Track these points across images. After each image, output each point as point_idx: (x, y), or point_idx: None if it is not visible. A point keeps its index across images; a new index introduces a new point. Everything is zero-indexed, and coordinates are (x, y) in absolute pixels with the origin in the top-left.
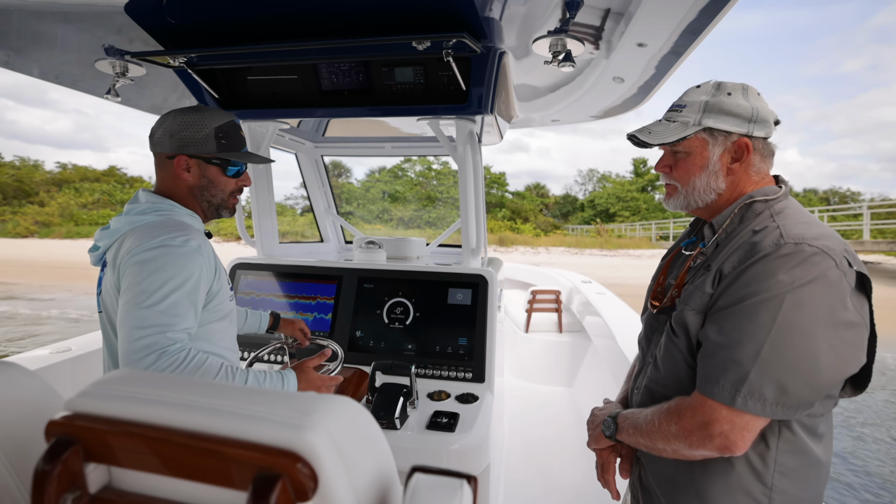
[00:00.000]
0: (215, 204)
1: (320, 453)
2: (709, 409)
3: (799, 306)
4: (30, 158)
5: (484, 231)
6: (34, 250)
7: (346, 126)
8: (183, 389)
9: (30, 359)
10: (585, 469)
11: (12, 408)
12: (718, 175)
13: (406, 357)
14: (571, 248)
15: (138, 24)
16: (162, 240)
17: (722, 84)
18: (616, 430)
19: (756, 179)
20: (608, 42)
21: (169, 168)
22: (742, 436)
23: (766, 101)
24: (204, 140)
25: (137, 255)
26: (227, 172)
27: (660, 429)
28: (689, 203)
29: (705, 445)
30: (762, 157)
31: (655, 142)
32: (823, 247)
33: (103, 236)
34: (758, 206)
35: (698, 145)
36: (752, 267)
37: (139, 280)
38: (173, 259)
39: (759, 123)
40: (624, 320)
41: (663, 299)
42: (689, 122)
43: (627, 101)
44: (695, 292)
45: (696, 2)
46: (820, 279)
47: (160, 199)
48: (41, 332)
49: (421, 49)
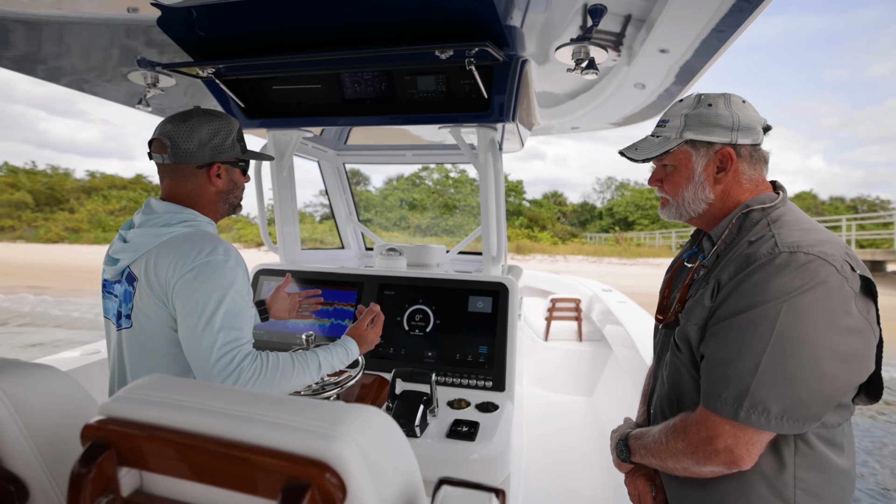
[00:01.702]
0: (234, 204)
1: (349, 463)
2: (712, 423)
3: (797, 315)
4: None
5: (504, 238)
6: (64, 255)
7: (368, 134)
8: (214, 396)
9: (61, 360)
10: (607, 481)
11: (49, 410)
12: (705, 185)
13: (426, 364)
14: (590, 257)
15: (169, 36)
16: (207, 255)
17: (703, 96)
18: (629, 452)
19: (749, 187)
20: (629, 48)
21: (200, 176)
22: (748, 450)
23: (781, 110)
24: (232, 145)
25: (189, 274)
26: (244, 173)
27: (668, 447)
28: (682, 214)
29: (712, 461)
30: (751, 164)
31: (640, 157)
32: (820, 253)
33: (124, 249)
34: (755, 215)
35: (683, 158)
36: (748, 278)
37: (197, 299)
38: (224, 273)
39: (742, 131)
40: (646, 330)
41: (668, 313)
42: (672, 136)
43: (648, 108)
44: (696, 306)
45: (720, 8)
46: (819, 286)
47: (179, 209)
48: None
49: (443, 58)
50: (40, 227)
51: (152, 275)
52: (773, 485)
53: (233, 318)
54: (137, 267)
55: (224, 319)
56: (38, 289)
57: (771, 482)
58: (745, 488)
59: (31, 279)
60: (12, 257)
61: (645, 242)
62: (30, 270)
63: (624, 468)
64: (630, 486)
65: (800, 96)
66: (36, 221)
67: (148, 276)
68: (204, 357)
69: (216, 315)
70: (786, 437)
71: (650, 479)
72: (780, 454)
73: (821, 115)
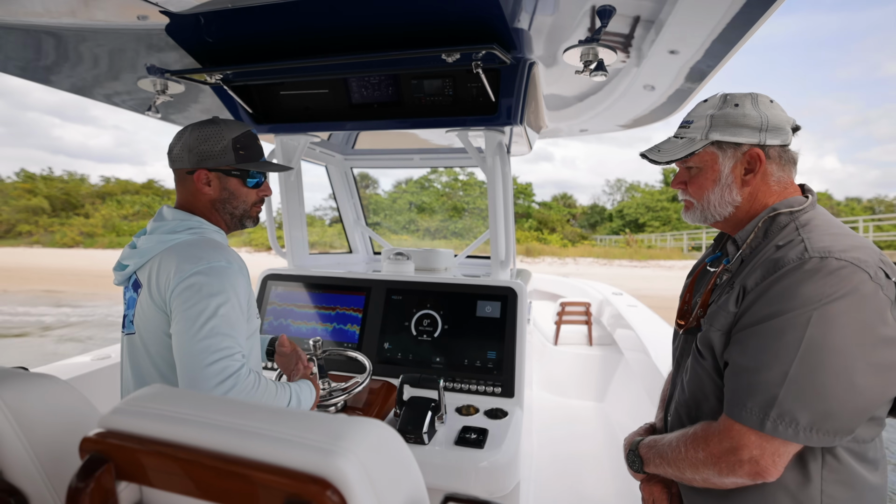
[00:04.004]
0: (238, 216)
1: (350, 480)
2: (737, 433)
3: (828, 324)
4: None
5: (513, 242)
6: (79, 259)
7: (376, 138)
8: (214, 409)
9: (72, 365)
10: (619, 489)
11: (50, 421)
12: (732, 188)
13: (434, 370)
14: (600, 259)
15: (178, 43)
16: (208, 261)
17: (729, 96)
18: (642, 462)
19: (777, 189)
20: (638, 49)
21: (189, 183)
22: (773, 461)
23: (795, 108)
24: (222, 152)
25: (187, 280)
26: (247, 184)
27: (687, 456)
28: (707, 217)
29: (735, 472)
30: (780, 165)
31: (664, 159)
32: (853, 259)
33: (132, 255)
34: (782, 219)
35: (709, 160)
36: (776, 283)
37: (194, 304)
38: (223, 281)
39: (771, 132)
40: (657, 334)
41: (689, 318)
42: (697, 137)
43: (658, 109)
44: (719, 311)
45: (730, 9)
46: (852, 294)
47: (187, 216)
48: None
49: (450, 61)
50: (56, 231)
51: (153, 281)
52: (797, 498)
53: (229, 326)
54: (143, 273)
55: (220, 327)
56: (55, 293)
57: (795, 496)
58: (768, 501)
59: (48, 283)
60: (30, 262)
61: (656, 244)
62: (46, 275)
63: (638, 478)
64: (646, 492)
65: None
66: (52, 226)
67: (150, 283)
68: (196, 361)
69: (211, 322)
70: (813, 450)
71: (667, 486)
72: (807, 467)
73: (835, 113)
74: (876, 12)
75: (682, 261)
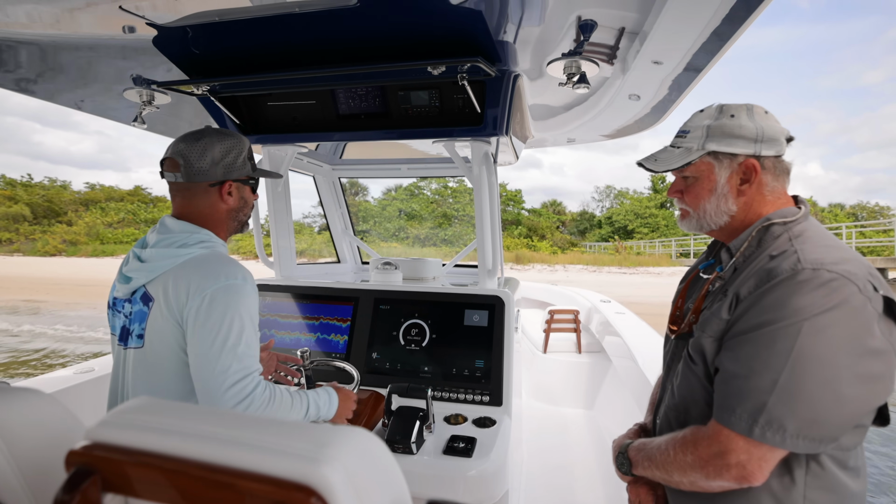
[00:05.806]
0: (243, 222)
1: (334, 488)
2: (725, 438)
3: (818, 334)
4: (58, 179)
5: (500, 251)
6: (61, 268)
7: (363, 148)
8: (200, 419)
9: (54, 379)
10: (609, 496)
11: (33, 434)
12: (728, 197)
13: (422, 379)
14: (589, 266)
15: (165, 55)
16: (226, 278)
17: (725, 106)
18: (630, 465)
19: (771, 199)
20: (623, 60)
21: (212, 195)
22: (760, 466)
23: (779, 116)
24: (243, 164)
25: (205, 297)
26: (254, 190)
27: (675, 459)
28: (703, 226)
29: (722, 476)
30: (774, 175)
31: (660, 169)
32: (844, 272)
33: (140, 269)
34: (776, 230)
35: (705, 169)
36: (769, 293)
37: (212, 322)
38: (239, 298)
39: (766, 143)
40: (645, 341)
41: (681, 324)
42: (693, 147)
43: (643, 119)
44: (712, 318)
45: (712, 19)
46: (842, 306)
47: (195, 228)
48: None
49: (436, 74)
50: (38, 239)
51: (171, 296)
52: (781, 502)
53: (246, 345)
54: (154, 288)
55: (238, 346)
56: (35, 302)
57: (779, 500)
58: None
59: (28, 293)
60: (10, 271)
61: (645, 251)
62: (26, 284)
63: (625, 480)
64: (632, 494)
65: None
66: (34, 234)
67: (167, 298)
68: (216, 382)
69: (230, 340)
70: (798, 456)
71: (653, 488)
72: (791, 473)
73: (817, 121)
74: (856, 24)
75: (671, 267)
